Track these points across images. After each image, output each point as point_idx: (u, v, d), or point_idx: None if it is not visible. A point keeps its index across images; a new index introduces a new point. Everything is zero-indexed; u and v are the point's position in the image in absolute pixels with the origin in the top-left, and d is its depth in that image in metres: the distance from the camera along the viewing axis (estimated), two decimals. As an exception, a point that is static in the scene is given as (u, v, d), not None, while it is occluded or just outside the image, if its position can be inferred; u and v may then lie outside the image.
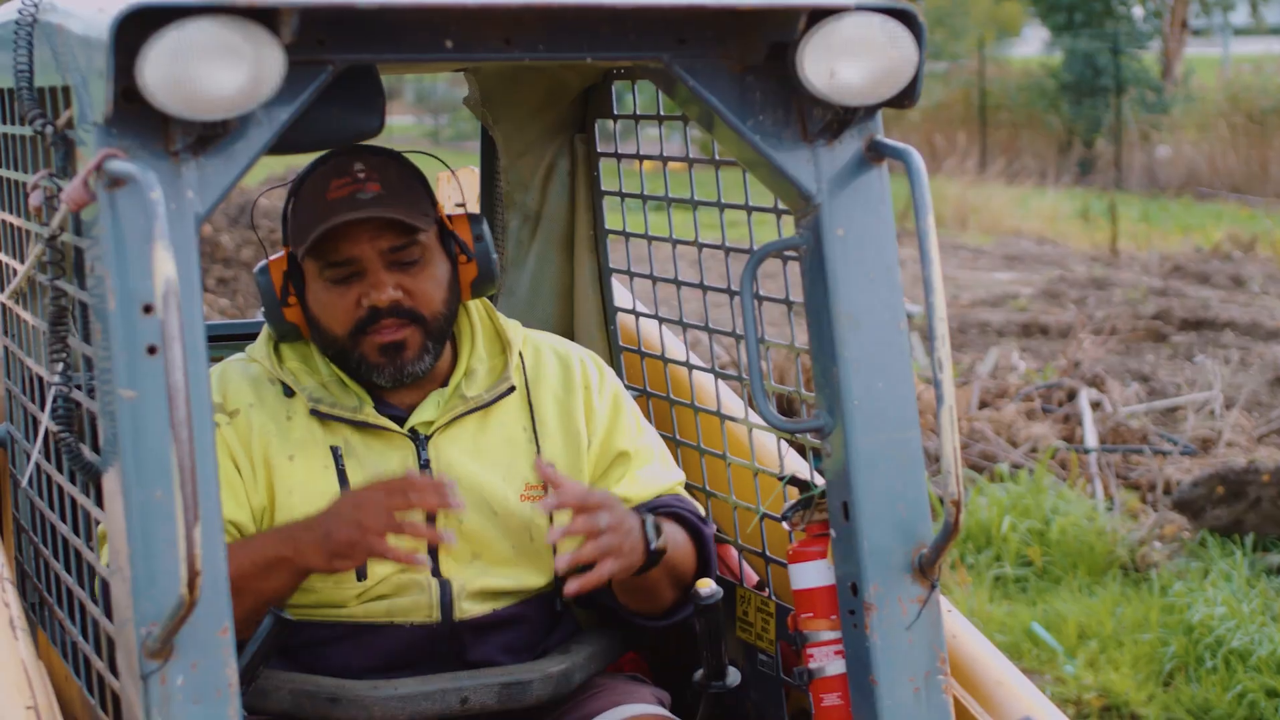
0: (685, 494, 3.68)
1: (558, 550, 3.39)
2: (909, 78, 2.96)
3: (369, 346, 3.40)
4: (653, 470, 3.63)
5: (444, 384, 3.52)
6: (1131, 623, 7.62)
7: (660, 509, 3.55)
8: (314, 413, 3.42)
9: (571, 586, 3.23)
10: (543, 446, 3.54)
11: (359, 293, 3.39)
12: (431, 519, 3.32)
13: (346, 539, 3.16)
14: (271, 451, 3.40)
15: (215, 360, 3.50)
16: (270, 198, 14.82)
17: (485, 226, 3.57)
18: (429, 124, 38.48)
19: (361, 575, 3.38)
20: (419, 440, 3.46)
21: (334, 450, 3.42)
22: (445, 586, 3.41)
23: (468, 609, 3.42)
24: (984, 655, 3.41)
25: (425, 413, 3.49)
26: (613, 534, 3.25)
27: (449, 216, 3.55)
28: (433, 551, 3.42)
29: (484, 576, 3.43)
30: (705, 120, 3.06)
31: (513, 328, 3.62)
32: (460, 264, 3.52)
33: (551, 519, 3.48)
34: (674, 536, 3.46)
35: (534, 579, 3.51)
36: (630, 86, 4.01)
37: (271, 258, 3.52)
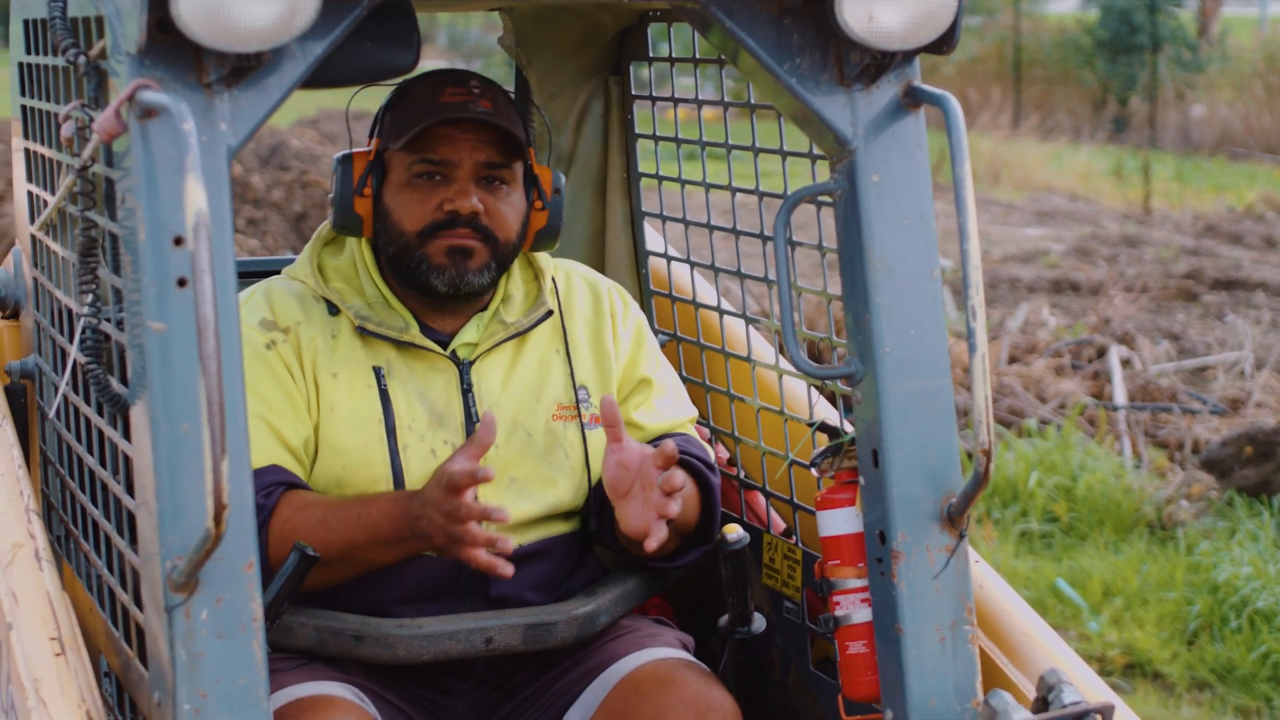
0: (695, 432, 3.72)
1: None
2: (948, 22, 2.93)
3: (436, 248, 3.44)
4: (667, 403, 3.67)
5: (484, 309, 3.56)
6: (1157, 581, 7.61)
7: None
8: (361, 330, 3.45)
9: (652, 543, 3.30)
10: (575, 368, 3.59)
11: (443, 196, 3.44)
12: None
13: (442, 545, 3.24)
14: (319, 367, 3.44)
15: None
16: (302, 139, 14.80)
17: (564, 184, 3.63)
18: (463, 68, 38.40)
19: None
20: (461, 365, 3.49)
21: (376, 370, 3.45)
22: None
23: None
24: (1011, 607, 3.40)
25: (467, 335, 3.53)
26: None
27: (536, 164, 3.61)
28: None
29: (516, 503, 3.44)
30: (741, 63, 3.03)
31: (543, 257, 3.67)
32: (534, 209, 3.58)
33: (586, 441, 3.55)
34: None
35: (565, 498, 3.53)
36: (666, 31, 3.99)
37: (356, 150, 3.55)
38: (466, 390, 3.49)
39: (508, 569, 3.22)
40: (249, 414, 2.76)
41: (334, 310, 3.49)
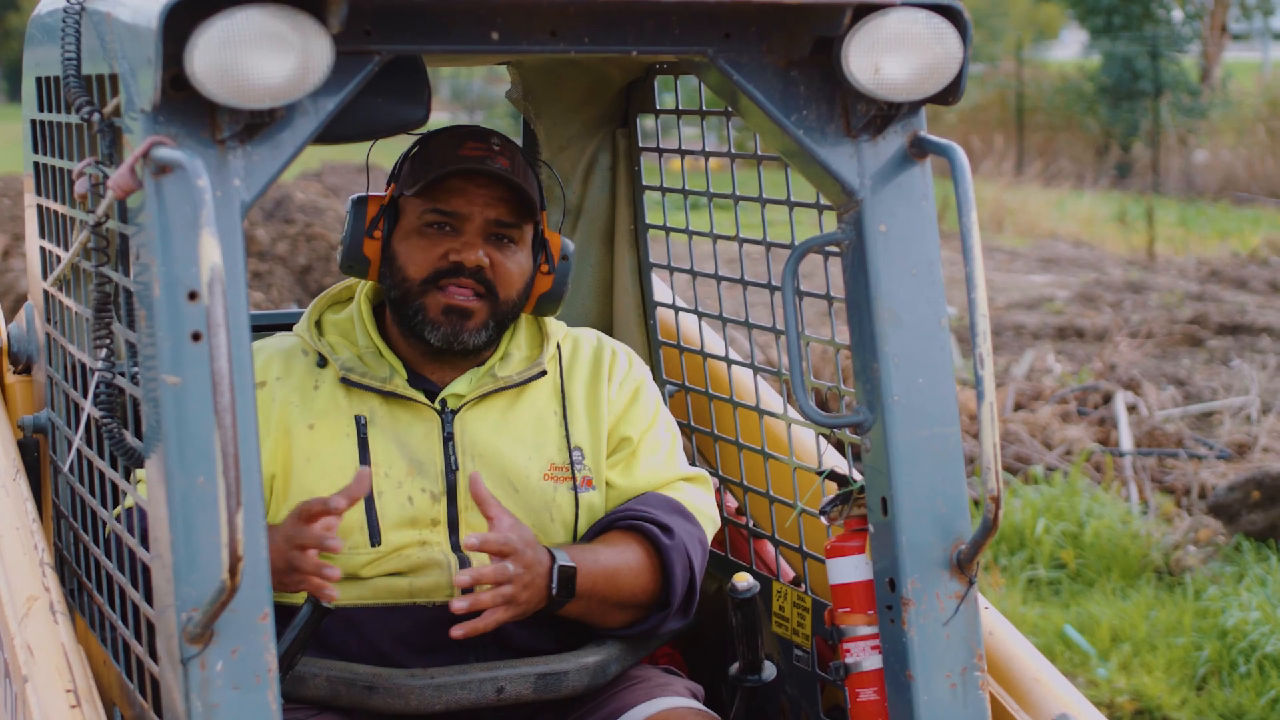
0: (687, 489, 3.66)
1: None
2: (953, 74, 2.95)
3: (434, 301, 3.47)
4: (653, 463, 3.64)
5: (480, 364, 3.57)
6: (1165, 627, 7.60)
7: (626, 519, 3.54)
8: (343, 380, 3.48)
9: (458, 631, 3.26)
10: (571, 430, 3.58)
11: (449, 247, 3.47)
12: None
13: (281, 570, 3.13)
14: (291, 420, 3.46)
15: None
16: (307, 192, 14.84)
17: (572, 251, 3.65)
18: (465, 120, 38.54)
19: (376, 541, 3.42)
20: (445, 414, 3.50)
21: (358, 419, 3.46)
22: (464, 565, 3.42)
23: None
24: (1021, 652, 3.41)
25: (458, 387, 3.54)
26: (515, 584, 3.28)
27: (548, 229, 3.64)
28: (453, 527, 3.44)
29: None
30: (748, 115, 3.06)
31: (555, 324, 3.68)
32: (540, 273, 3.60)
33: (577, 503, 3.52)
34: (613, 562, 3.46)
35: None
36: (673, 83, 4.02)
37: (371, 193, 3.60)
38: (447, 439, 3.50)
39: (334, 592, 3.17)
40: None
41: (323, 363, 3.52)
